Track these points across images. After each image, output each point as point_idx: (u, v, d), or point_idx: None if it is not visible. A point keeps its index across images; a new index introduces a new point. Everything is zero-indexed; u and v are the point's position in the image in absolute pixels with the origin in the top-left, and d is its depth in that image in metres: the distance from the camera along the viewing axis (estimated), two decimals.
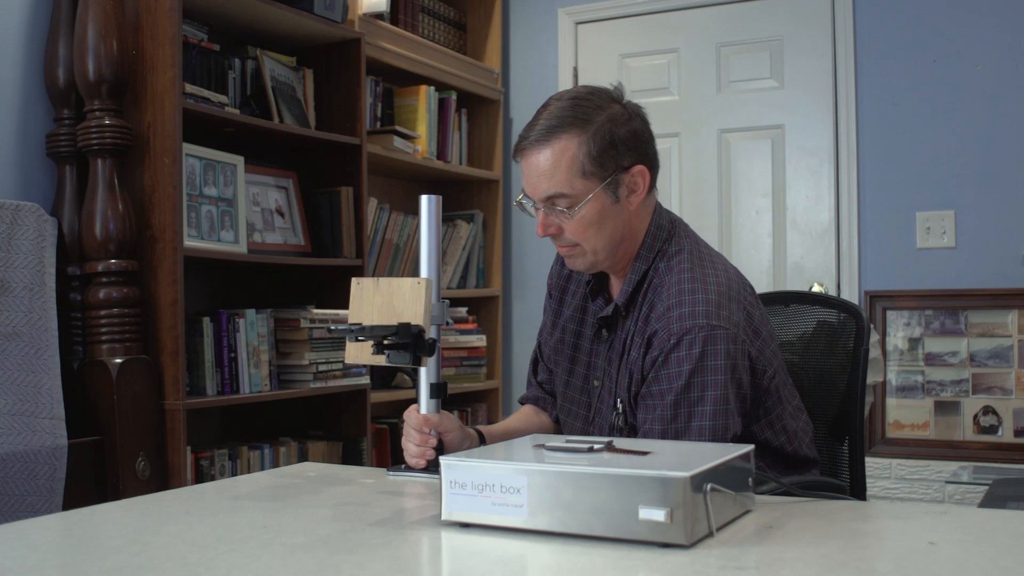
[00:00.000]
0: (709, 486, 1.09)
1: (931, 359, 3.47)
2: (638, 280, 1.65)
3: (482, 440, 1.73)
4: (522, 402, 1.95)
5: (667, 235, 1.68)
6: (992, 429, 3.39)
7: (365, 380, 3.16)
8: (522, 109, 4.21)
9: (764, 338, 1.62)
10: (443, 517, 1.18)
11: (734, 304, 1.58)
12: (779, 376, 1.64)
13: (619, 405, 1.64)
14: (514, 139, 4.50)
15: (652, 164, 1.66)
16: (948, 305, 3.45)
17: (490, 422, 4.06)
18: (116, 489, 2.43)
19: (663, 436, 1.53)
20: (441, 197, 1.65)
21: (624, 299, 1.65)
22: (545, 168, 1.59)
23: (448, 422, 1.64)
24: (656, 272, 1.64)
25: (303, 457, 3.00)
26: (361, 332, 1.45)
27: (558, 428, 1.87)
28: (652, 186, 1.67)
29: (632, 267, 1.66)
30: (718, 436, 1.51)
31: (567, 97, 1.63)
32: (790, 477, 1.62)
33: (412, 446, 1.63)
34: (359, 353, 1.54)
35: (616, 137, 1.59)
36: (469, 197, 4.13)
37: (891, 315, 3.53)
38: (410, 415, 1.65)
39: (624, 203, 1.62)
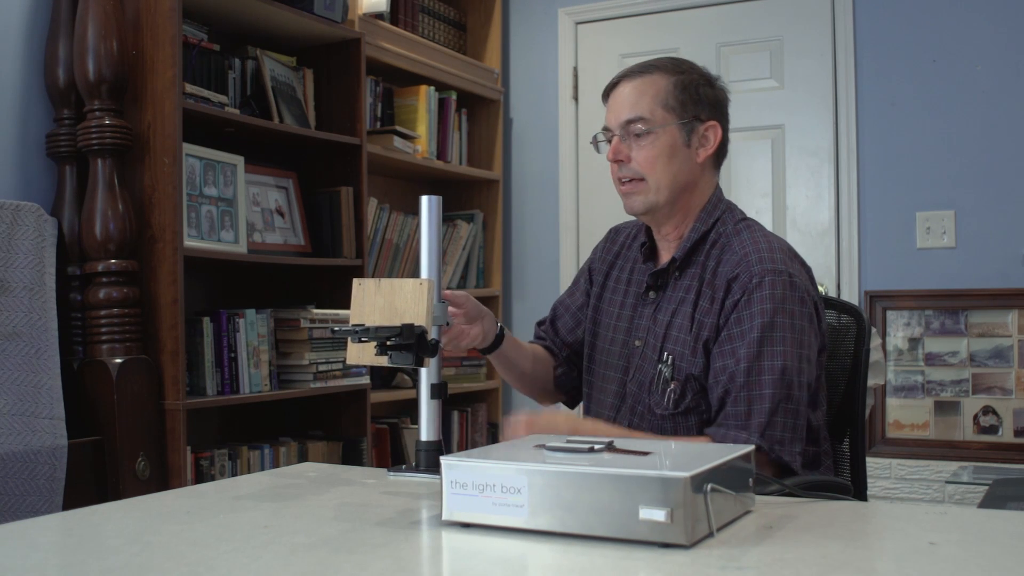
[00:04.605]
0: (709, 486, 1.10)
1: (931, 359, 3.47)
2: (697, 239, 1.72)
3: (499, 336, 1.79)
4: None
5: (727, 208, 1.76)
6: (992, 429, 3.39)
7: (365, 380, 3.16)
8: (522, 109, 4.21)
9: (820, 306, 1.70)
10: (444, 517, 1.18)
11: (801, 266, 1.68)
12: (824, 352, 1.71)
13: (666, 356, 1.69)
14: (514, 139, 4.53)
15: (725, 132, 1.76)
16: (948, 305, 3.45)
17: (490, 423, 4.07)
18: (116, 489, 2.43)
19: (747, 374, 1.57)
20: (441, 197, 1.65)
21: (682, 253, 1.72)
22: (632, 95, 1.71)
23: (468, 303, 1.71)
24: (720, 235, 1.71)
25: (303, 457, 3.00)
26: (365, 333, 1.45)
27: (555, 379, 1.93)
28: (719, 154, 1.76)
29: (692, 227, 1.73)
30: (792, 376, 1.56)
31: (665, 56, 1.79)
32: (794, 477, 1.62)
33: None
34: (361, 354, 1.54)
35: (702, 92, 1.73)
36: (469, 197, 4.13)
37: (891, 315, 3.53)
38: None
39: (693, 152, 1.72)
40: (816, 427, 1.67)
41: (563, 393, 1.97)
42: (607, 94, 1.77)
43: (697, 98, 1.71)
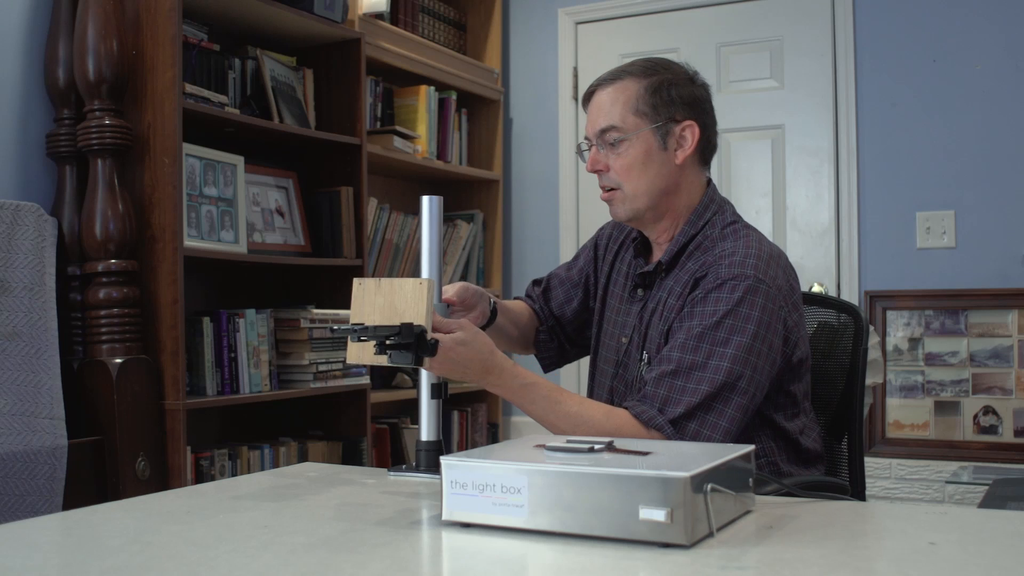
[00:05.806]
0: (709, 486, 1.10)
1: (931, 359, 3.47)
2: (685, 242, 1.71)
3: (493, 313, 1.82)
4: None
5: (718, 209, 1.74)
6: (992, 429, 3.39)
7: (365, 380, 3.16)
8: (522, 109, 4.21)
9: (800, 315, 1.68)
10: (444, 517, 1.18)
11: (782, 272, 1.65)
12: (807, 362, 1.70)
13: (644, 356, 1.69)
14: (514, 139, 4.53)
15: (706, 129, 1.73)
16: (948, 305, 3.45)
17: (490, 423, 4.07)
18: (116, 489, 2.43)
19: (678, 365, 1.56)
20: (442, 197, 1.65)
21: (668, 257, 1.71)
22: (605, 104, 1.71)
23: (467, 294, 1.74)
24: (706, 237, 1.70)
25: (303, 457, 3.00)
26: (364, 332, 1.45)
27: (535, 340, 1.98)
28: (702, 151, 1.74)
29: (681, 231, 1.72)
30: (731, 381, 1.55)
31: (640, 58, 1.77)
32: (793, 478, 1.63)
33: None
34: (361, 353, 1.54)
35: (674, 92, 1.70)
36: (469, 197, 4.13)
37: (891, 315, 3.53)
38: None
39: (671, 155, 1.70)
40: (795, 435, 1.68)
41: (538, 354, 2.00)
42: (585, 103, 1.77)
43: (670, 99, 1.69)
